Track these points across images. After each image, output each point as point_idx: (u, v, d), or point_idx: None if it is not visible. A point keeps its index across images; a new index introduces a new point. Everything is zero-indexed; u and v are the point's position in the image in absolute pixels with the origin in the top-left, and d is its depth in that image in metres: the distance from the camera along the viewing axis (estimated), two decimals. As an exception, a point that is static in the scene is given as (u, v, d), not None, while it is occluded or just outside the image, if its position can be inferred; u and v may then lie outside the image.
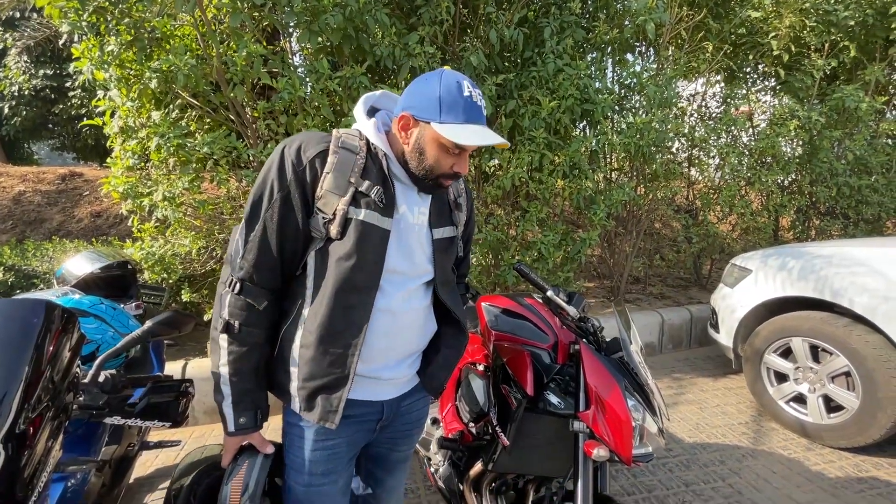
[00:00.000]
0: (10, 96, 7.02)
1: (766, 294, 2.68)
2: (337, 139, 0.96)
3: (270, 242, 0.93)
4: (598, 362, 1.25)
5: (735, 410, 2.83)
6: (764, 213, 4.14)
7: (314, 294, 0.96)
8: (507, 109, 2.91)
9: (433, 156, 0.96)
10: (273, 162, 0.94)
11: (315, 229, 0.95)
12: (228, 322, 0.93)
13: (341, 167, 0.93)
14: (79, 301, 1.46)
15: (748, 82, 4.66)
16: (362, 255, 0.94)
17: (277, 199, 0.93)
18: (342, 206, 0.92)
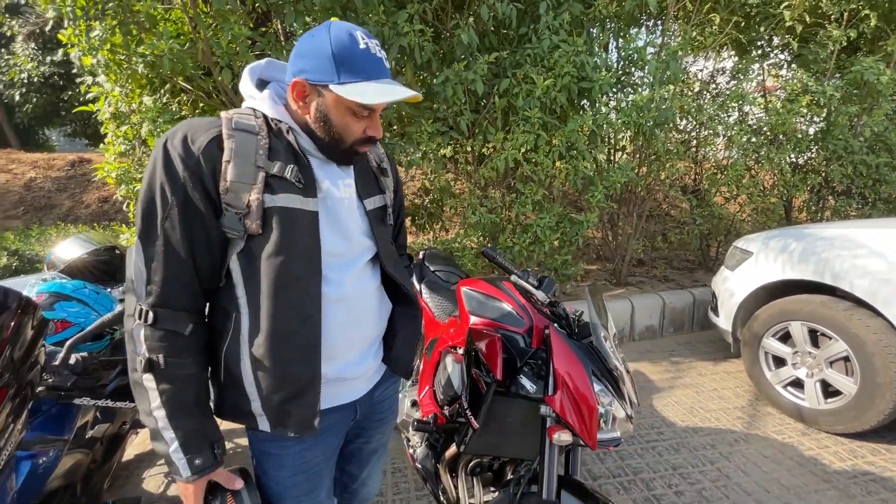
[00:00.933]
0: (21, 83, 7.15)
1: (766, 277, 2.62)
2: (228, 121, 0.82)
3: (178, 256, 0.79)
4: (566, 347, 1.23)
5: (732, 395, 2.80)
6: (774, 193, 4.01)
7: (250, 302, 0.84)
8: (500, 89, 2.84)
9: (340, 122, 0.85)
10: (157, 162, 0.79)
11: (230, 229, 0.81)
12: (150, 359, 0.79)
13: (242, 152, 0.80)
14: (62, 285, 1.50)
15: (764, 55, 4.45)
16: (294, 244, 0.84)
17: (174, 205, 0.78)
18: (255, 195, 0.80)
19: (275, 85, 0.93)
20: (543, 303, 1.33)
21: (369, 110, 0.86)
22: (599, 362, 1.23)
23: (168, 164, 0.78)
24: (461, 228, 3.32)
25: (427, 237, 3.67)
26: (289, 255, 0.83)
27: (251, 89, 0.91)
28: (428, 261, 2.33)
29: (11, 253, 2.56)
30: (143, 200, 0.79)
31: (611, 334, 1.31)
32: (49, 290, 1.46)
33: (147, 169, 0.81)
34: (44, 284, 1.48)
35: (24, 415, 0.92)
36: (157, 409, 0.79)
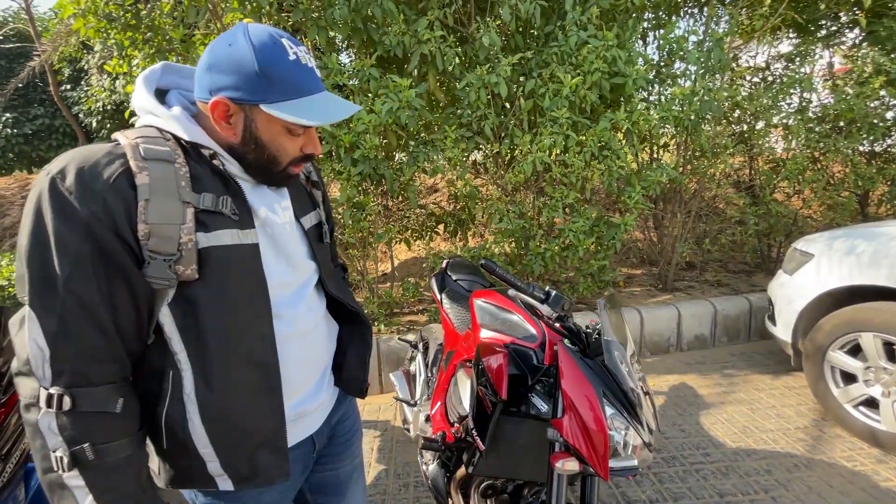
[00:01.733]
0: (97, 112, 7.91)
1: (830, 282, 2.33)
2: (134, 149, 0.67)
3: (93, 321, 0.64)
4: (574, 366, 1.14)
5: (793, 413, 2.51)
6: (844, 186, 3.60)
7: (193, 358, 0.72)
8: (526, 90, 2.75)
9: (273, 143, 0.75)
10: (44, 208, 0.62)
11: (157, 279, 0.67)
12: (74, 453, 0.64)
13: (162, 187, 0.66)
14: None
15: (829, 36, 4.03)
16: (237, 285, 0.74)
17: (81, 259, 0.63)
18: (186, 236, 0.68)
19: (178, 96, 0.79)
20: (550, 317, 1.24)
21: (305, 127, 0.76)
22: (613, 383, 1.13)
23: (62, 208, 0.62)
24: (489, 234, 3.25)
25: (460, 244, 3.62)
26: (233, 298, 0.73)
27: (151, 103, 0.75)
28: (451, 270, 2.28)
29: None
30: (32, 258, 0.63)
31: (628, 352, 1.20)
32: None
33: (27, 219, 0.63)
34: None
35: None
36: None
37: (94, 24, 2.27)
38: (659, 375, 3.04)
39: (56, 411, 0.63)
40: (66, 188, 0.62)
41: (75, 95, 8.78)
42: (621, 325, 1.25)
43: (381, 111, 2.46)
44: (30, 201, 0.64)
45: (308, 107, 0.72)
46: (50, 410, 0.63)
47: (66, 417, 0.64)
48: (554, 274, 3.23)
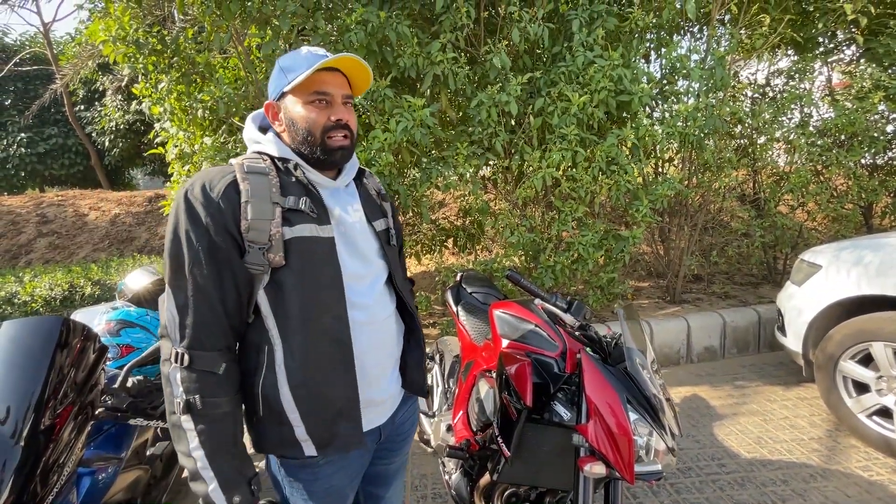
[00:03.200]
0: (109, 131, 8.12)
1: (839, 293, 2.37)
2: (241, 167, 0.89)
3: (207, 298, 0.83)
4: (598, 373, 1.18)
5: (806, 423, 2.53)
6: (848, 198, 3.65)
7: (283, 332, 0.88)
8: (535, 108, 2.84)
9: (303, 118, 0.92)
10: (179, 212, 0.84)
11: (254, 265, 0.85)
12: (188, 401, 0.81)
13: (258, 192, 0.86)
14: (128, 313, 1.65)
15: (827, 52, 4.14)
16: (316, 271, 0.89)
17: (201, 251, 0.83)
18: (275, 228, 0.85)
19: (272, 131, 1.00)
20: (573, 326, 1.29)
21: (325, 96, 0.92)
22: (636, 390, 1.17)
23: (191, 213, 0.83)
24: (500, 248, 3.31)
25: (469, 258, 3.68)
26: (313, 282, 0.88)
27: (256, 135, 0.98)
28: (465, 283, 2.33)
29: (94, 283, 2.87)
30: (170, 249, 0.84)
31: (648, 359, 1.24)
32: (117, 318, 1.62)
33: (170, 220, 0.86)
34: (113, 312, 1.65)
35: (84, 433, 1.01)
36: (195, 450, 0.82)
37: (124, 50, 2.39)
38: (670, 387, 3.05)
39: (179, 366, 0.82)
40: (193, 197, 0.84)
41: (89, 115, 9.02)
42: (640, 334, 1.30)
43: (395, 130, 2.55)
44: (172, 208, 0.87)
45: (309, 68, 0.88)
46: (176, 365, 0.82)
47: (185, 372, 0.82)
48: (564, 287, 3.27)
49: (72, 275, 3.00)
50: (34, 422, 0.86)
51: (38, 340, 0.91)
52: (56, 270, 3.10)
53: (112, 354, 1.53)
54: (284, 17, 2.42)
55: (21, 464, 0.82)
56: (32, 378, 0.88)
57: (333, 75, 0.93)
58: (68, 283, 2.76)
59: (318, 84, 0.91)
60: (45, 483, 0.87)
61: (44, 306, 2.71)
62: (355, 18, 2.48)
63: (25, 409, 0.86)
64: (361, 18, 2.48)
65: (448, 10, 2.67)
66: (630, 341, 1.21)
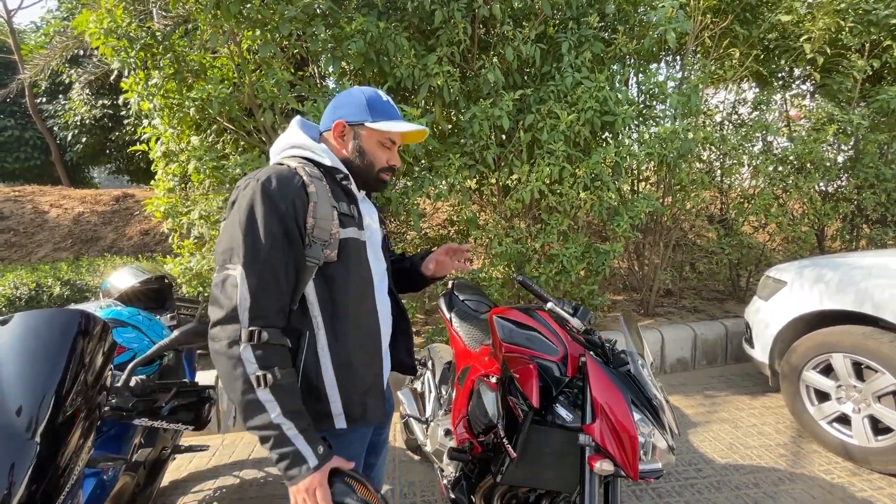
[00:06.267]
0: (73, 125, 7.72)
1: (802, 307, 2.55)
2: (303, 170, 1.00)
3: (280, 282, 0.93)
4: (603, 375, 1.24)
5: (773, 430, 2.68)
6: (804, 221, 3.94)
7: (328, 319, 1.00)
8: (525, 124, 2.94)
9: (372, 153, 1.09)
10: (256, 200, 0.92)
11: (312, 258, 0.96)
12: (265, 375, 0.88)
13: (322, 194, 0.99)
14: (119, 312, 1.59)
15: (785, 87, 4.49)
16: (357, 268, 1.05)
17: (279, 237, 0.92)
18: (335, 228, 0.99)
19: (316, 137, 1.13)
20: (579, 331, 1.35)
21: (392, 143, 1.11)
22: (638, 391, 1.23)
23: (270, 202, 0.93)
24: (487, 258, 3.37)
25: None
26: (354, 277, 1.04)
27: (307, 142, 1.08)
28: (457, 290, 2.37)
29: (64, 283, 2.72)
30: (247, 235, 0.91)
31: (647, 363, 1.31)
32: (108, 316, 1.56)
33: (243, 209, 0.93)
34: (104, 311, 1.58)
35: (92, 434, 0.98)
36: (278, 417, 0.89)
37: (115, 44, 2.32)
38: (647, 396, 3.17)
39: (249, 345, 0.88)
40: (272, 190, 0.94)
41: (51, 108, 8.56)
42: (639, 340, 1.37)
43: (390, 138, 2.58)
44: (245, 198, 0.94)
45: (397, 125, 1.08)
46: (247, 344, 0.88)
47: (261, 349, 0.89)
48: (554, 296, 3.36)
49: (38, 273, 2.81)
50: (50, 417, 0.82)
51: (55, 333, 0.88)
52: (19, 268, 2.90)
53: (103, 355, 1.47)
54: (284, 21, 2.43)
55: (36, 461, 0.79)
56: (50, 371, 0.84)
57: None
58: (35, 283, 2.60)
59: (395, 135, 1.11)
60: (57, 484, 0.83)
61: (7, 306, 2.53)
62: (355, 27, 2.51)
63: (40, 403, 0.83)
64: (361, 28, 2.51)
65: (446, 25, 2.75)
66: (632, 345, 1.28)
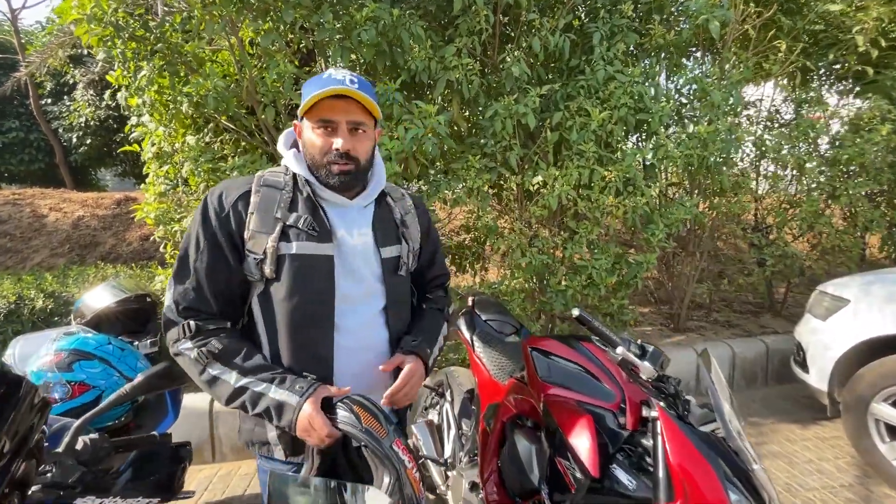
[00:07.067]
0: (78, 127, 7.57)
1: (870, 330, 2.25)
2: (259, 179, 0.97)
3: (204, 290, 0.92)
4: (684, 438, 0.96)
5: (833, 468, 2.37)
6: (851, 230, 3.62)
7: (269, 338, 0.96)
8: (552, 122, 2.67)
9: (312, 144, 0.96)
10: (197, 213, 0.94)
11: (249, 272, 0.93)
12: (204, 352, 0.89)
13: (265, 205, 0.93)
14: (84, 341, 1.34)
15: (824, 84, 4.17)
16: (307, 287, 0.94)
17: (204, 248, 0.91)
18: (271, 243, 0.92)
19: None
20: (650, 378, 1.07)
21: (330, 124, 0.95)
22: (732, 460, 0.95)
23: (205, 215, 0.93)
24: (507, 270, 3.09)
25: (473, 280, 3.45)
26: (302, 298, 0.94)
27: (282, 147, 1.04)
28: (479, 308, 2.10)
29: (48, 295, 2.50)
30: (182, 246, 0.94)
31: (738, 418, 1.03)
32: (70, 347, 1.31)
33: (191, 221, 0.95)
34: (66, 340, 1.33)
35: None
36: (238, 380, 0.88)
37: (99, 32, 2.09)
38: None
39: (189, 334, 0.91)
40: (210, 202, 0.94)
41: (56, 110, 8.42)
42: (723, 386, 1.09)
43: (403, 137, 2.32)
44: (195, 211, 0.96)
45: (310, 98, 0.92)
46: (184, 338, 0.91)
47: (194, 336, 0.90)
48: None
49: (21, 285, 2.58)
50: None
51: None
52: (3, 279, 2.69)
53: (59, 395, 1.22)
54: (287, 7, 2.18)
55: None
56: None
57: (344, 102, 0.94)
58: (16, 295, 2.37)
59: (324, 111, 0.94)
60: None
61: (-17, 321, 2.31)
62: (366, 14, 2.26)
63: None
64: (372, 15, 2.26)
65: (466, 13, 2.49)
66: (719, 397, 1.00)
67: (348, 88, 0.91)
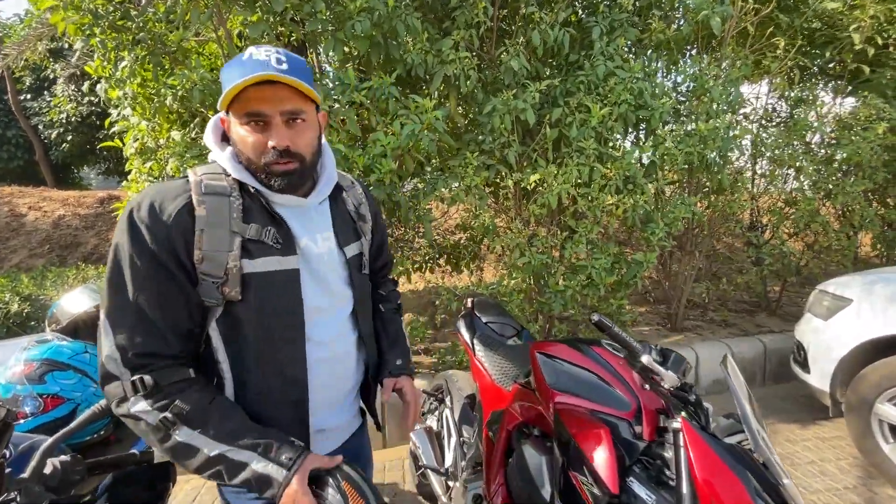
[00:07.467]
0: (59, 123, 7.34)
1: (874, 330, 2.22)
2: (198, 185, 0.78)
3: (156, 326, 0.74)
4: (711, 451, 0.90)
5: (835, 469, 2.34)
6: (847, 228, 3.62)
7: (234, 367, 0.82)
8: (552, 119, 2.60)
9: (242, 143, 0.80)
10: (123, 236, 0.74)
11: (207, 297, 0.77)
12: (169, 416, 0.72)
13: (215, 218, 0.76)
14: (58, 349, 1.24)
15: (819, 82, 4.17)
16: (275, 306, 0.82)
17: (146, 276, 0.73)
18: (233, 262, 0.77)
19: None
20: (673, 387, 1.00)
21: (260, 118, 0.79)
22: (760, 475, 0.89)
23: (135, 237, 0.73)
24: (504, 269, 3.02)
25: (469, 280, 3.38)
26: (271, 318, 0.82)
27: (213, 146, 0.85)
28: (479, 310, 2.03)
29: (24, 298, 2.37)
30: (110, 276, 0.74)
31: (764, 428, 0.97)
32: (42, 357, 1.20)
33: (113, 243, 0.75)
34: (38, 349, 1.23)
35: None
36: (214, 448, 0.74)
37: (77, 20, 1.97)
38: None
39: (141, 394, 0.73)
40: (139, 219, 0.74)
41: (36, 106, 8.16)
42: (747, 393, 1.03)
43: (399, 133, 2.24)
44: (116, 229, 0.77)
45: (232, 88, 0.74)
46: (136, 396, 0.73)
47: (152, 395, 0.73)
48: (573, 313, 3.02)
49: (-4, 287, 2.47)
50: None
51: None
52: (-23, 281, 2.58)
53: (30, 409, 1.12)
54: (278, -4, 2.08)
55: None
56: None
57: (274, 88, 0.77)
58: (-10, 298, 2.25)
59: (251, 102, 0.78)
60: None
61: (-46, 327, 2.17)
62: (360, 5, 2.17)
63: None
64: (367, 5, 2.17)
65: (463, 5, 2.41)
66: (745, 406, 0.94)
67: (275, 74, 0.75)
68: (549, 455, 1.18)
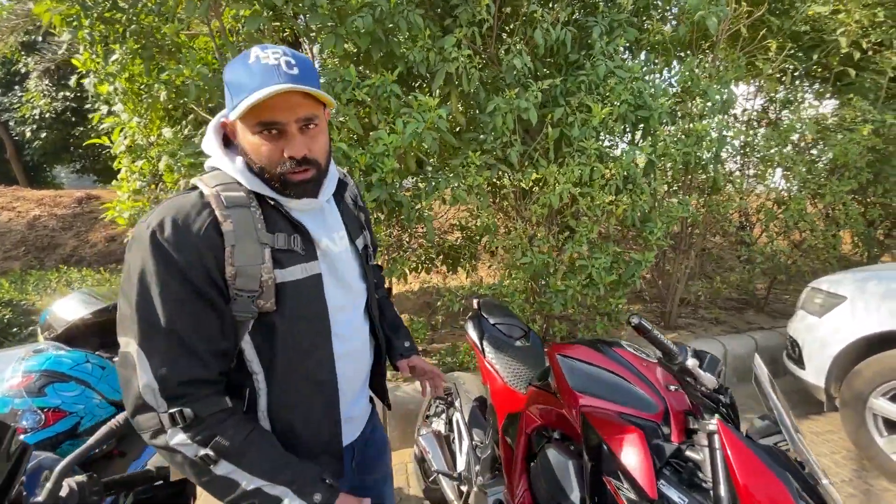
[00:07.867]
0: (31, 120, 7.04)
1: (869, 326, 2.27)
2: (217, 199, 0.75)
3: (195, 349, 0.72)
4: (751, 454, 0.89)
5: (831, 463, 2.40)
6: (832, 228, 3.72)
7: (268, 377, 0.81)
8: (553, 118, 2.59)
9: (255, 152, 0.77)
10: (147, 259, 0.70)
11: (241, 313, 0.75)
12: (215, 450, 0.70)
13: (243, 232, 0.74)
14: (58, 360, 1.17)
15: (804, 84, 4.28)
16: (305, 312, 0.82)
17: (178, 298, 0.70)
18: (267, 274, 0.76)
19: None
20: (709, 388, 0.99)
21: (276, 127, 0.76)
22: (800, 476, 0.89)
23: (163, 259, 0.70)
24: (505, 269, 3.01)
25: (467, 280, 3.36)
26: (301, 324, 0.82)
27: (218, 154, 0.81)
28: (485, 311, 2.00)
29: (5, 304, 2.24)
30: (139, 305, 0.70)
31: (796, 428, 0.97)
32: (42, 367, 1.13)
33: (133, 267, 0.71)
34: (34, 360, 1.15)
35: None
36: (252, 482, 0.73)
37: (63, 11, 1.87)
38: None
39: (183, 425, 0.70)
40: (164, 239, 0.70)
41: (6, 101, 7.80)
42: (777, 392, 1.03)
43: (401, 132, 2.20)
44: (134, 255, 0.72)
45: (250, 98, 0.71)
46: (175, 428, 0.70)
47: (191, 428, 0.71)
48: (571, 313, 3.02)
49: (-27, 292, 2.32)
50: None
51: None
52: (-49, 286, 2.41)
53: (30, 424, 1.05)
54: (276, -11, 2.02)
55: None
56: None
57: (286, 95, 0.74)
58: (-33, 304, 2.12)
59: (264, 111, 0.74)
60: None
61: (-71, 335, 2.03)
62: (361, 0, 2.12)
63: None
64: (369, 1, 2.13)
65: (466, 2, 2.38)
66: (781, 410, 0.94)
67: (293, 86, 0.72)
68: (575, 459, 1.16)
